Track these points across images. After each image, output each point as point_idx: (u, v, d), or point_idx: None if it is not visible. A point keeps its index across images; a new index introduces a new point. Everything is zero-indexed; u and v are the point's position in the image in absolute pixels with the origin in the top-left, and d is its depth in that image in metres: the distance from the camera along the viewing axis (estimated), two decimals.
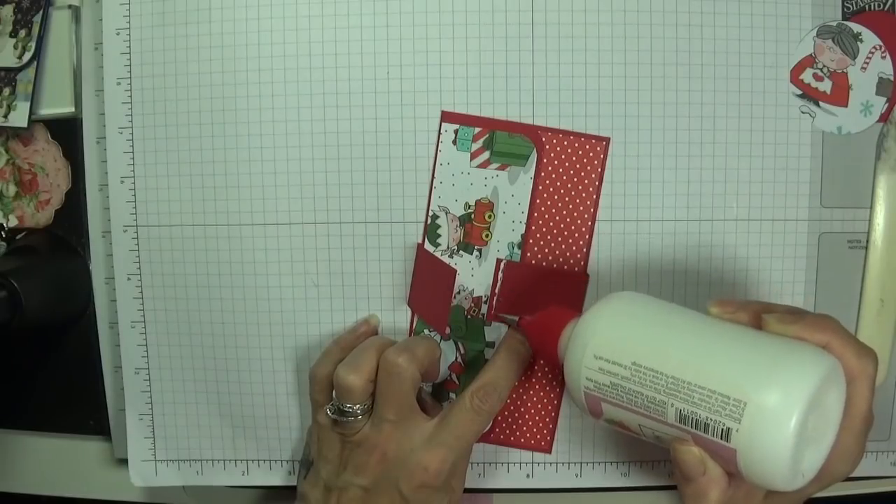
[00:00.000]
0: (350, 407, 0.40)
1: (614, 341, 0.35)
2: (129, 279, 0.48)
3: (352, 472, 0.40)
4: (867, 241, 0.45)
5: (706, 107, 0.44)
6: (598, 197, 0.45)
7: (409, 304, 0.46)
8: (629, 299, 0.37)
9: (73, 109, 0.49)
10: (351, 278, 0.46)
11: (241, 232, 0.47)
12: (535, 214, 0.45)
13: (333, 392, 0.41)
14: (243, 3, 0.45)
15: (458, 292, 0.46)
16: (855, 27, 0.44)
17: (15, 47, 0.49)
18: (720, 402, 0.31)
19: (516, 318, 0.42)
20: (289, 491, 0.48)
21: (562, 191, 0.45)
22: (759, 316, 0.34)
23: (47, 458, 0.53)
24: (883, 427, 0.46)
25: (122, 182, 0.47)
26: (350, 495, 0.40)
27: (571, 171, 0.45)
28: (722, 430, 0.31)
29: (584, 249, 0.45)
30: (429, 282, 0.45)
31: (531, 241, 0.45)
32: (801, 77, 0.44)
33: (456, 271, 0.45)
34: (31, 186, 0.50)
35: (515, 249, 0.45)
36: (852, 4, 0.44)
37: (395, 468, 0.39)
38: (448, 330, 0.46)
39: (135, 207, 0.47)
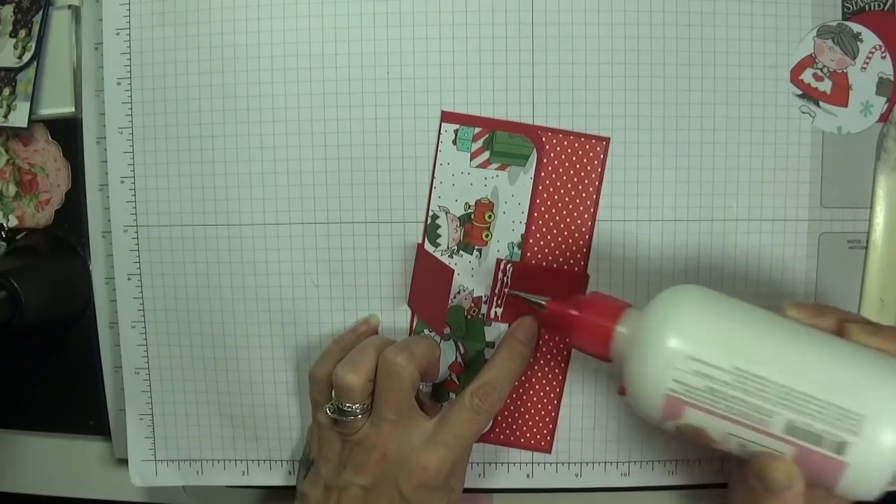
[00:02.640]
0: (349, 406, 0.40)
1: (710, 342, 0.33)
2: (129, 279, 0.48)
3: (352, 472, 0.40)
4: (867, 241, 0.45)
5: (706, 107, 0.44)
6: (598, 197, 0.45)
7: (409, 303, 0.46)
8: (703, 295, 0.35)
9: (73, 109, 0.49)
10: (351, 278, 0.46)
11: (241, 232, 0.47)
12: (535, 214, 0.45)
13: (333, 392, 0.41)
14: (243, 3, 0.45)
15: (458, 292, 0.46)
16: (855, 27, 0.44)
17: (15, 47, 0.49)
18: (838, 414, 0.30)
19: (543, 302, 0.39)
20: (289, 491, 0.48)
21: (562, 191, 0.45)
22: (841, 323, 0.34)
23: (47, 458, 0.53)
24: None
25: (122, 182, 0.47)
26: (350, 494, 0.40)
27: (571, 171, 0.45)
28: (837, 443, 0.31)
29: (584, 249, 0.45)
30: (428, 281, 0.45)
31: (531, 241, 0.45)
32: (801, 77, 0.44)
33: (453, 271, 0.45)
34: (31, 186, 0.50)
35: (515, 249, 0.45)
36: (852, 4, 0.44)
37: (395, 467, 0.39)
38: (447, 330, 0.46)
39: (135, 207, 0.47)
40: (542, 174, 0.45)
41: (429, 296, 0.45)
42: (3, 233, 0.51)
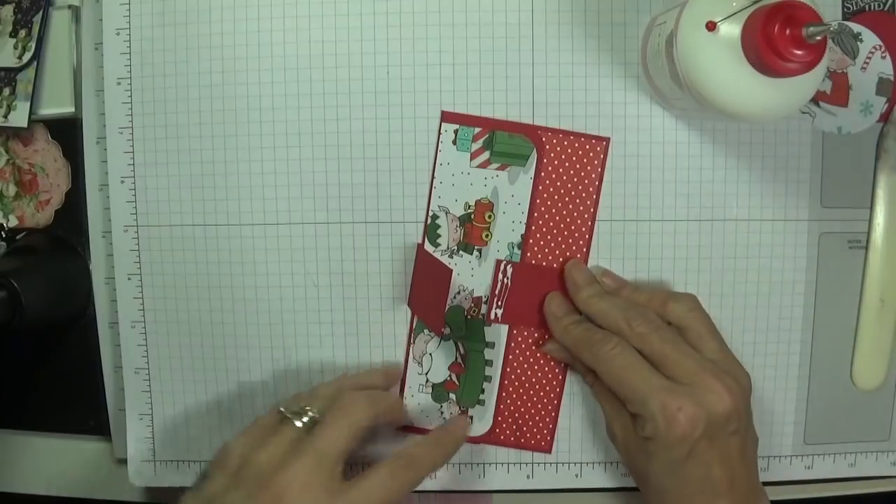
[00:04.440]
0: (302, 408, 0.40)
1: None
2: (129, 279, 0.48)
3: (244, 497, 0.37)
4: (867, 241, 0.45)
5: None
6: (598, 197, 0.45)
7: (409, 304, 0.46)
8: None
9: (73, 109, 0.49)
10: (351, 278, 0.46)
11: (241, 232, 0.47)
12: (535, 214, 0.45)
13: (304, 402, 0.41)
14: (243, 3, 0.45)
15: (458, 292, 0.46)
16: (855, 27, 0.44)
17: (15, 47, 0.49)
18: None
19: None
20: None
21: (562, 191, 0.45)
22: None
23: (47, 458, 0.53)
24: (883, 427, 0.46)
25: (122, 182, 0.47)
26: None
27: (571, 171, 0.45)
28: None
29: (584, 249, 0.45)
30: (427, 281, 0.45)
31: (531, 241, 0.45)
32: None
33: (452, 271, 0.45)
34: (31, 186, 0.50)
35: (515, 249, 0.45)
36: (852, 4, 0.44)
37: None
38: (447, 330, 0.46)
39: (135, 207, 0.47)
40: (542, 174, 0.45)
41: (428, 296, 0.45)
42: (3, 233, 0.51)
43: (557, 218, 0.45)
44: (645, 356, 0.40)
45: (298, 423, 0.39)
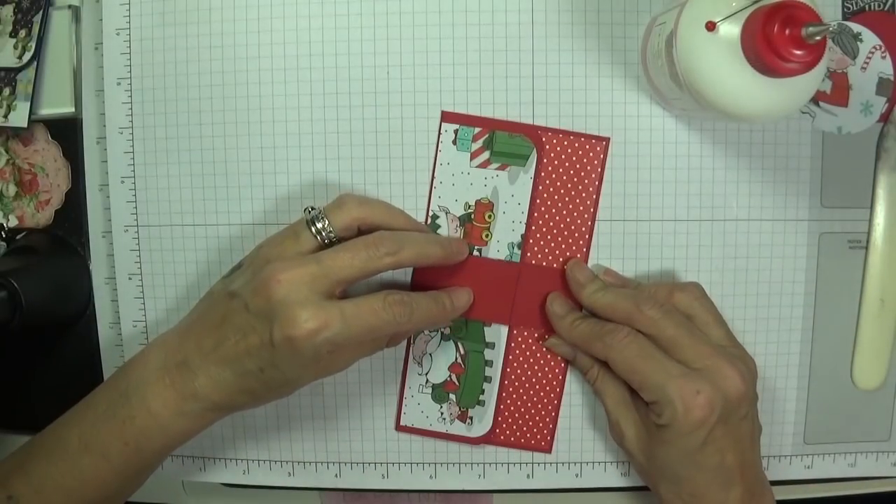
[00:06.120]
0: (325, 223, 0.40)
1: None
2: (129, 279, 0.48)
3: (248, 285, 0.39)
4: (867, 241, 0.45)
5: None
6: (598, 197, 0.45)
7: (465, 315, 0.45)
8: None
9: (73, 109, 0.49)
10: None
11: (241, 232, 0.47)
12: (535, 214, 0.45)
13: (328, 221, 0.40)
14: (243, 3, 0.45)
15: None
16: (855, 27, 0.44)
17: (15, 47, 0.49)
18: None
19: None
20: (288, 491, 0.49)
21: (562, 191, 0.45)
22: None
23: None
24: (883, 427, 0.46)
25: (122, 182, 0.47)
26: (235, 306, 0.38)
27: (571, 171, 0.45)
28: None
29: (584, 249, 0.45)
30: (485, 286, 0.45)
31: (531, 241, 0.45)
32: None
33: (519, 266, 0.45)
34: (31, 186, 0.50)
35: (515, 249, 0.45)
36: (852, 4, 0.44)
37: (277, 308, 0.37)
38: (447, 330, 0.46)
39: (135, 207, 0.47)
40: (542, 174, 0.45)
41: (489, 297, 0.45)
42: (3, 233, 0.51)
43: (557, 218, 0.45)
44: (655, 341, 0.40)
45: (312, 230, 0.40)
